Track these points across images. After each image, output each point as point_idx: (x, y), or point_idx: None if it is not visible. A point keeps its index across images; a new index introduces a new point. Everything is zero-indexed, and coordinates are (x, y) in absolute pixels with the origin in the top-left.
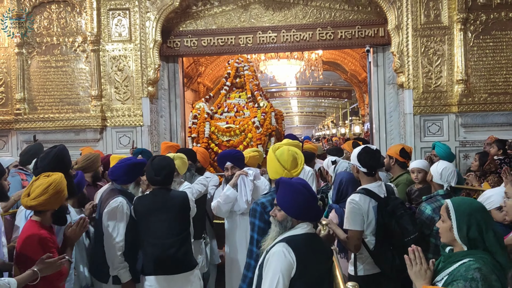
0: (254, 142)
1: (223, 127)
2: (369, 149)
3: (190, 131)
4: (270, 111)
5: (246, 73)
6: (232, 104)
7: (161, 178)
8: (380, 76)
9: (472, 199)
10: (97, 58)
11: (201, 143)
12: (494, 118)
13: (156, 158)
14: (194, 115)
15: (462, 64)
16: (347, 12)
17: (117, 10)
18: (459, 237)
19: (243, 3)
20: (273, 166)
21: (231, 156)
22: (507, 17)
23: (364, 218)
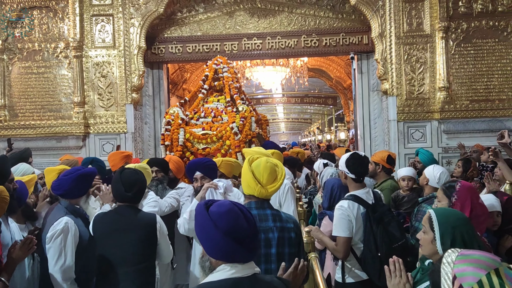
0: (233, 150)
1: (198, 134)
2: (358, 155)
3: (163, 139)
4: (249, 116)
5: (225, 75)
6: (209, 109)
7: (132, 195)
8: (365, 83)
9: (455, 210)
10: (80, 65)
11: (175, 152)
12: (476, 125)
13: (126, 171)
14: (167, 121)
15: (444, 72)
16: (332, 19)
17: (101, 16)
18: (442, 250)
19: (228, 10)
20: (246, 179)
21: (201, 165)
22: (488, 26)
23: (353, 225)
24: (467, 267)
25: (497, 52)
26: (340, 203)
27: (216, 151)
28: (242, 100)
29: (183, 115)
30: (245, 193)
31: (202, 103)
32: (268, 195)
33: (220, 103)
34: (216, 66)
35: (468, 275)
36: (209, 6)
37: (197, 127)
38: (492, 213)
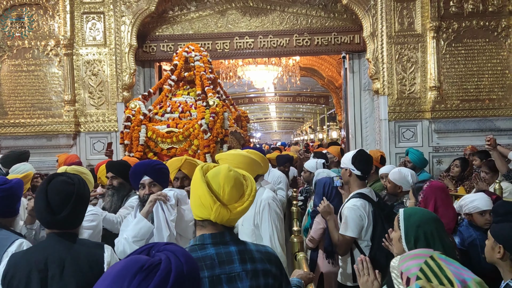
0: (201, 151)
1: (163, 132)
2: (364, 152)
3: (122, 137)
4: (221, 111)
5: (197, 64)
6: (177, 103)
7: (63, 218)
8: (356, 82)
9: (425, 209)
10: (70, 63)
11: (134, 152)
12: (466, 124)
13: (55, 181)
14: (127, 117)
15: (435, 71)
16: (324, 19)
17: (91, 13)
18: (407, 249)
19: (220, 9)
20: (198, 196)
21: (150, 167)
22: (478, 26)
23: (364, 224)
24: (408, 262)
25: (487, 52)
26: (353, 201)
27: (182, 151)
28: (218, 94)
29: (146, 110)
30: (196, 217)
31: (169, 97)
32: (231, 220)
33: (190, 97)
34: (187, 54)
35: (411, 267)
36: (201, 4)
37: (161, 124)
38: (485, 211)
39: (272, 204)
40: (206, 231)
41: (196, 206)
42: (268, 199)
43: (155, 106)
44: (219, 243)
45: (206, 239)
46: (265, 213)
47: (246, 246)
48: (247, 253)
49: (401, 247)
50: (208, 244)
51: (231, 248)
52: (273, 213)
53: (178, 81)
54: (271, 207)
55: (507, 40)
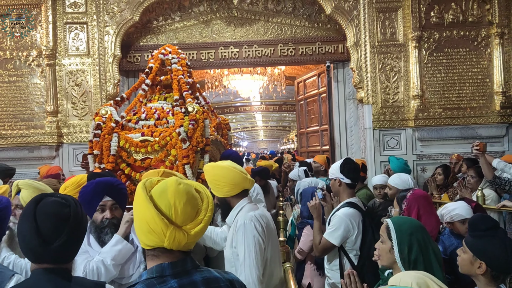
0: (180, 161)
1: (136, 141)
2: (351, 160)
3: (91, 147)
4: (202, 118)
5: (174, 67)
6: (152, 109)
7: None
8: (341, 91)
9: (410, 218)
10: (53, 73)
11: (105, 163)
12: (449, 132)
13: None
14: (97, 124)
15: (417, 80)
16: (308, 28)
17: (74, 24)
18: (399, 259)
19: (204, 19)
20: (146, 220)
21: (113, 187)
22: (459, 35)
23: (352, 233)
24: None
25: (468, 61)
26: (344, 210)
27: (159, 162)
28: (197, 100)
29: (118, 117)
30: (145, 246)
31: (144, 102)
32: (189, 244)
33: (166, 103)
34: (163, 57)
35: None
36: (185, 14)
37: (135, 132)
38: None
39: (249, 225)
40: (161, 260)
41: (143, 233)
42: (246, 219)
43: (128, 112)
44: (181, 273)
45: (165, 269)
46: (239, 235)
47: (211, 273)
48: (213, 282)
49: (392, 258)
50: (168, 276)
51: (195, 277)
52: (249, 235)
53: (154, 85)
54: (247, 229)
55: (487, 50)
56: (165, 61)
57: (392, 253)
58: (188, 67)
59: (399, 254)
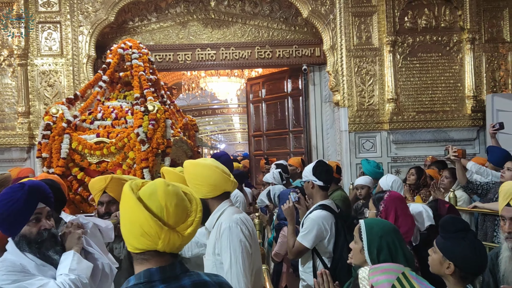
0: (138, 165)
1: (91, 142)
2: (323, 163)
3: (39, 149)
4: (163, 118)
5: (134, 63)
6: (110, 108)
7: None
8: (317, 94)
9: (384, 220)
10: (24, 73)
11: (55, 167)
12: (422, 135)
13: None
14: (46, 124)
15: (392, 84)
16: (285, 31)
17: (47, 23)
18: (369, 259)
19: (181, 20)
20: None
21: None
22: (432, 40)
23: (325, 236)
24: (379, 277)
25: (440, 66)
26: (316, 213)
27: (115, 166)
28: (162, 98)
29: (70, 116)
30: (134, 251)
31: (102, 100)
32: (181, 246)
33: (126, 101)
34: (123, 51)
35: (382, 283)
36: (161, 15)
37: (90, 133)
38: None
39: (235, 229)
40: (151, 264)
41: (135, 237)
42: (231, 222)
43: (82, 111)
44: (170, 278)
45: (153, 274)
46: (223, 239)
47: (200, 277)
48: (202, 286)
49: (362, 258)
50: (157, 281)
51: (184, 282)
52: (235, 240)
53: (114, 83)
54: (232, 232)
55: (458, 55)
56: (125, 56)
57: (363, 253)
58: (150, 63)
59: (369, 255)
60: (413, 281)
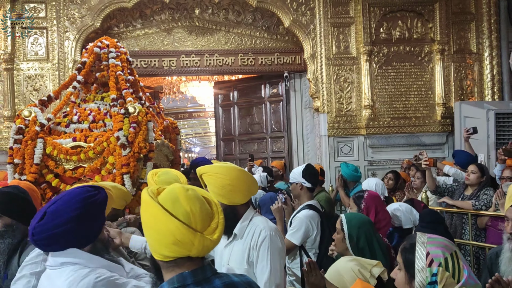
0: (118, 170)
1: (67, 147)
2: (312, 166)
3: (11, 155)
4: (145, 121)
5: (111, 62)
6: (87, 110)
7: None
8: (298, 101)
9: (361, 214)
10: (10, 78)
11: (27, 174)
12: (396, 140)
13: None
14: (18, 128)
15: (368, 91)
16: (267, 40)
17: (34, 28)
18: (350, 247)
19: (166, 27)
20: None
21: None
22: (405, 51)
23: (312, 233)
24: (436, 248)
25: (413, 75)
26: (303, 212)
27: (93, 172)
28: (140, 100)
29: (44, 119)
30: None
31: (78, 102)
32: (210, 249)
33: (104, 103)
34: (99, 50)
35: (438, 253)
36: (146, 22)
37: (65, 137)
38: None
39: (274, 238)
40: (182, 269)
41: (166, 245)
42: (271, 230)
43: (56, 114)
44: (202, 280)
45: (186, 278)
46: (264, 248)
47: (229, 278)
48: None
49: (344, 246)
50: (190, 284)
51: (216, 284)
52: (276, 250)
53: (89, 83)
54: (273, 242)
55: (429, 64)
56: (102, 55)
57: (344, 242)
58: (129, 63)
59: (349, 243)
60: (460, 262)
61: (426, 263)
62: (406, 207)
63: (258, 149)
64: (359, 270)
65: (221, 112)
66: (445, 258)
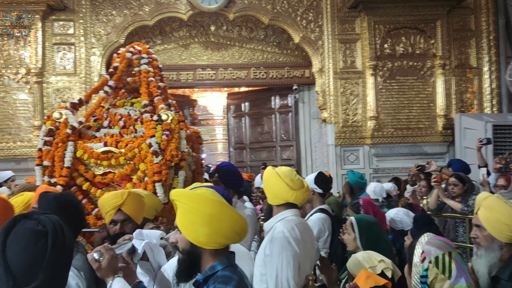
0: (150, 178)
1: (98, 152)
2: (323, 174)
3: (40, 156)
4: (177, 129)
5: (143, 68)
6: (117, 115)
7: None
8: (306, 112)
9: (369, 216)
10: (40, 90)
11: (57, 178)
12: (400, 149)
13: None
14: (49, 130)
15: (373, 103)
16: (278, 54)
17: (62, 44)
18: (361, 245)
19: (183, 43)
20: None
21: None
22: (408, 65)
23: (323, 235)
24: (431, 247)
25: (415, 88)
26: (316, 215)
27: (123, 178)
28: (169, 107)
29: (75, 122)
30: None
31: (107, 107)
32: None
33: (134, 108)
34: (131, 56)
35: (431, 252)
36: (166, 38)
37: (96, 141)
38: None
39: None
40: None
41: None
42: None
43: (87, 117)
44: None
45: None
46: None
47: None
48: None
49: (355, 245)
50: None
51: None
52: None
53: (117, 88)
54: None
55: (431, 78)
56: (133, 61)
57: (355, 241)
58: (159, 70)
59: (360, 242)
60: (452, 261)
61: (420, 259)
62: (404, 211)
63: (268, 157)
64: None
65: (233, 122)
66: (436, 256)
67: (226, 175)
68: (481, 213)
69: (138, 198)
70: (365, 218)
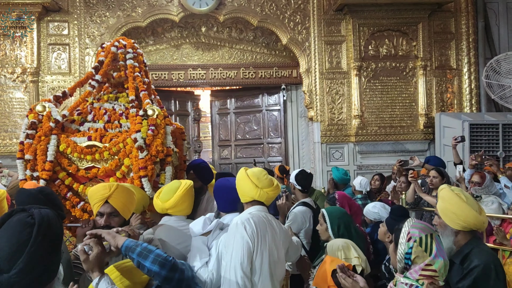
0: (135, 173)
1: (82, 146)
2: (305, 172)
3: (21, 150)
4: (163, 124)
5: (129, 63)
6: (102, 110)
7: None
8: (294, 110)
9: (339, 207)
10: (36, 89)
11: (40, 172)
12: (383, 147)
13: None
14: (31, 123)
15: (358, 103)
16: (266, 55)
17: (57, 45)
18: (332, 234)
19: (175, 43)
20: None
21: None
22: (391, 66)
23: (305, 226)
24: (415, 229)
25: (398, 88)
26: (298, 208)
27: (107, 173)
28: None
29: (59, 116)
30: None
31: (91, 101)
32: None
33: (119, 103)
34: (117, 50)
35: (415, 233)
36: (158, 39)
37: (79, 136)
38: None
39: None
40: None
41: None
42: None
43: (71, 111)
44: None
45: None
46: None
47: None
48: None
49: (327, 235)
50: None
51: None
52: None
53: (102, 83)
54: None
55: (413, 79)
56: (119, 55)
57: (327, 231)
58: (144, 65)
59: (331, 231)
60: (434, 241)
61: (406, 239)
62: (380, 204)
63: (255, 154)
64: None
65: (217, 119)
66: (420, 237)
67: (201, 171)
68: (438, 204)
69: (127, 193)
70: (335, 209)
